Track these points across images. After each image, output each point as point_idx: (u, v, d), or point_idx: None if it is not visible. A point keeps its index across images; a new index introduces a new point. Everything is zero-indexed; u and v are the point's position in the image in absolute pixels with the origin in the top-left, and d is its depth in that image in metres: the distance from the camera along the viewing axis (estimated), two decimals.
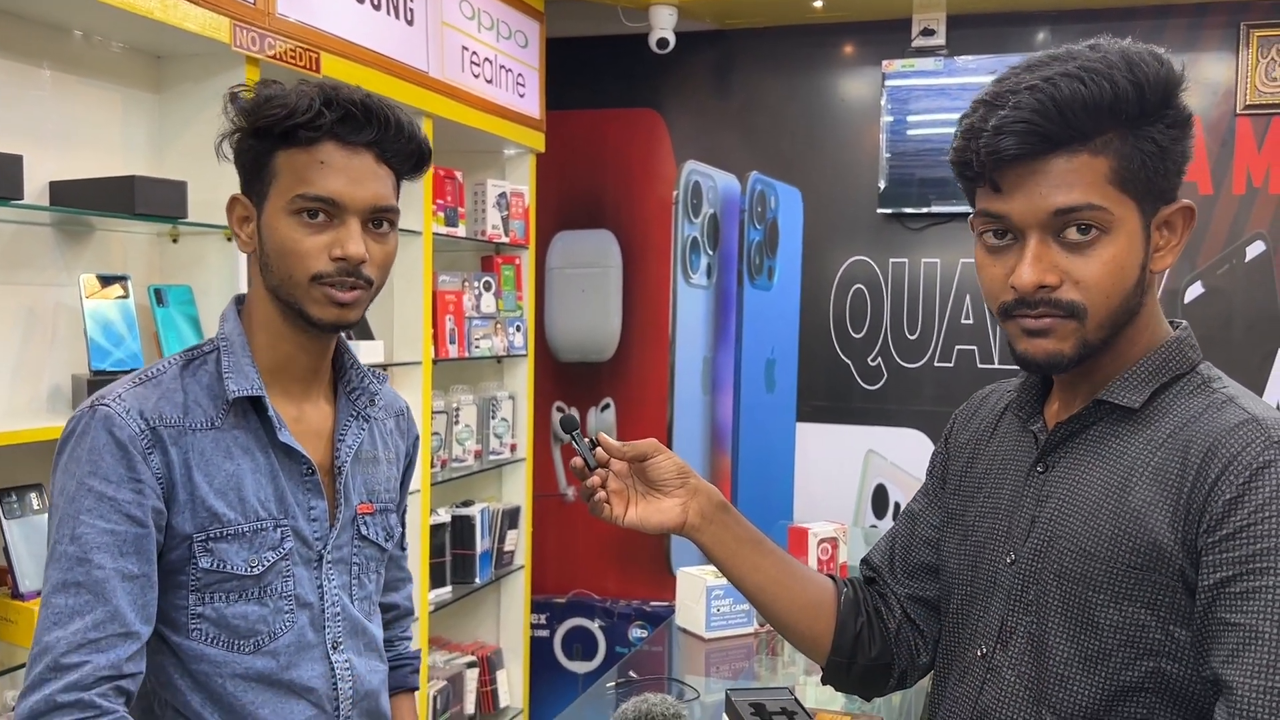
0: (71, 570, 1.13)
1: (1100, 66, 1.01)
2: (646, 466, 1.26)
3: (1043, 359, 1.08)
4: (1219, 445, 1.01)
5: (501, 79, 3.40)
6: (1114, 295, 1.05)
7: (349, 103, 1.20)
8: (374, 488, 1.38)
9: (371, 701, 1.36)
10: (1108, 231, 1.03)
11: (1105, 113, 1.01)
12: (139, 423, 1.17)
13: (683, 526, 1.26)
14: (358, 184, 1.21)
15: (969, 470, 1.26)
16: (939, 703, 1.23)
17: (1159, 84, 1.02)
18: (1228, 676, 0.96)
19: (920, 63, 3.83)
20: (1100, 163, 1.02)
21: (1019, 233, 1.06)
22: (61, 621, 1.11)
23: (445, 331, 3.18)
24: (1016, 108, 1.02)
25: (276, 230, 1.21)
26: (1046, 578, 1.09)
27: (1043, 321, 1.06)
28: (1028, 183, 1.04)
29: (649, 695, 1.72)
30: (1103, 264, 1.03)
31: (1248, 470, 0.98)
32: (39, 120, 2.12)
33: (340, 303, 1.22)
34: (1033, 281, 1.04)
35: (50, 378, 2.16)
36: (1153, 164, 1.03)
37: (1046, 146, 1.02)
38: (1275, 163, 3.59)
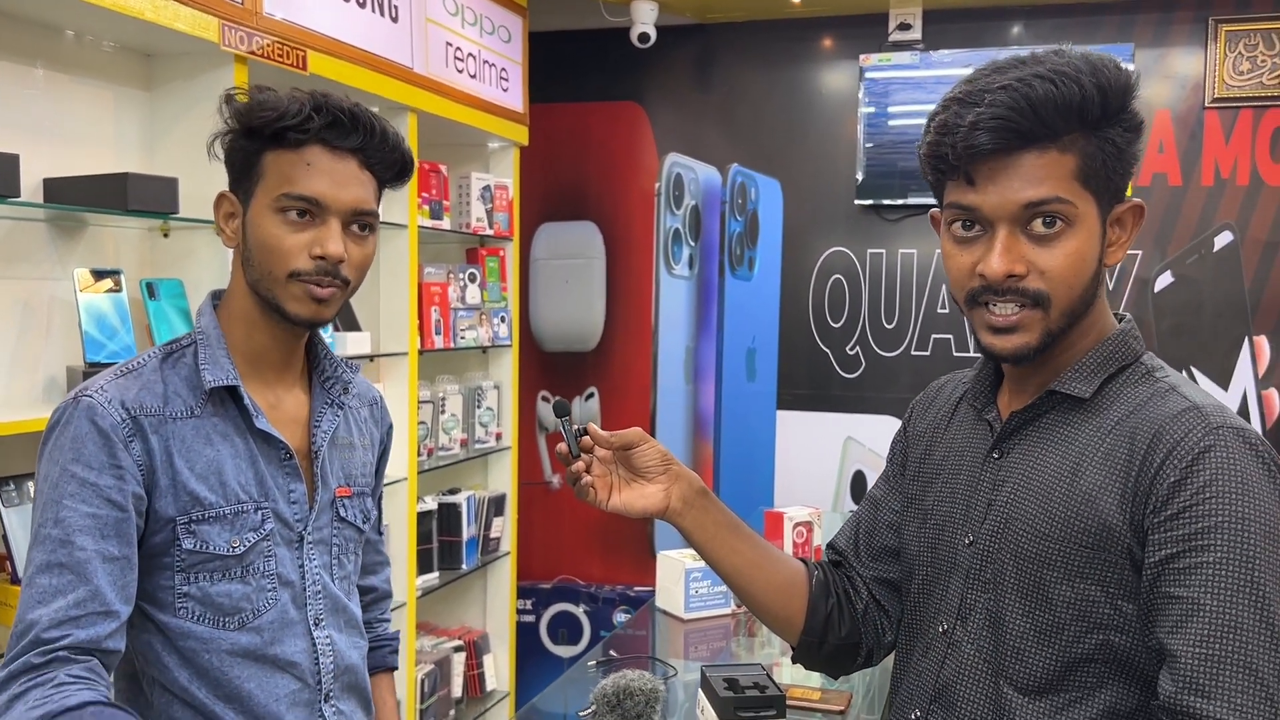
0: (55, 552, 1.18)
1: (1068, 70, 1.08)
2: (631, 454, 1.32)
3: (1010, 352, 1.14)
4: (1163, 432, 1.08)
5: (485, 74, 3.46)
6: (1075, 286, 1.11)
7: (337, 110, 1.27)
8: (350, 472, 1.44)
9: (353, 676, 1.42)
10: (1071, 224, 1.10)
11: (1073, 113, 1.08)
12: (120, 412, 1.23)
13: (665, 511, 1.32)
14: (341, 187, 1.27)
15: (927, 457, 1.32)
16: (903, 677, 1.30)
17: (1119, 89, 1.09)
18: (1171, 646, 1.03)
19: (897, 57, 3.90)
20: (1067, 160, 1.09)
21: (988, 224, 1.12)
22: (44, 600, 1.16)
23: (431, 322, 3.24)
24: (993, 105, 1.08)
25: (261, 226, 1.27)
26: (1003, 557, 1.16)
27: (1010, 317, 1.13)
28: (1000, 177, 1.10)
29: (627, 671, 1.78)
30: (1066, 255, 1.10)
31: (1189, 455, 1.05)
32: (33, 118, 2.17)
33: (317, 299, 1.28)
34: (1003, 270, 1.11)
35: (46, 369, 2.22)
36: (1111, 163, 1.10)
37: (1019, 143, 1.09)
38: (1243, 155, 3.68)
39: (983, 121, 1.08)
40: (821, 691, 1.99)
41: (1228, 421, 1.07)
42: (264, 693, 1.30)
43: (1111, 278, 3.80)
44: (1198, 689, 1.00)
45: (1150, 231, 3.77)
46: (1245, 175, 3.68)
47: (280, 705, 1.31)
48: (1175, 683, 1.02)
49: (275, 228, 1.26)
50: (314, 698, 1.35)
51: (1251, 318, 3.69)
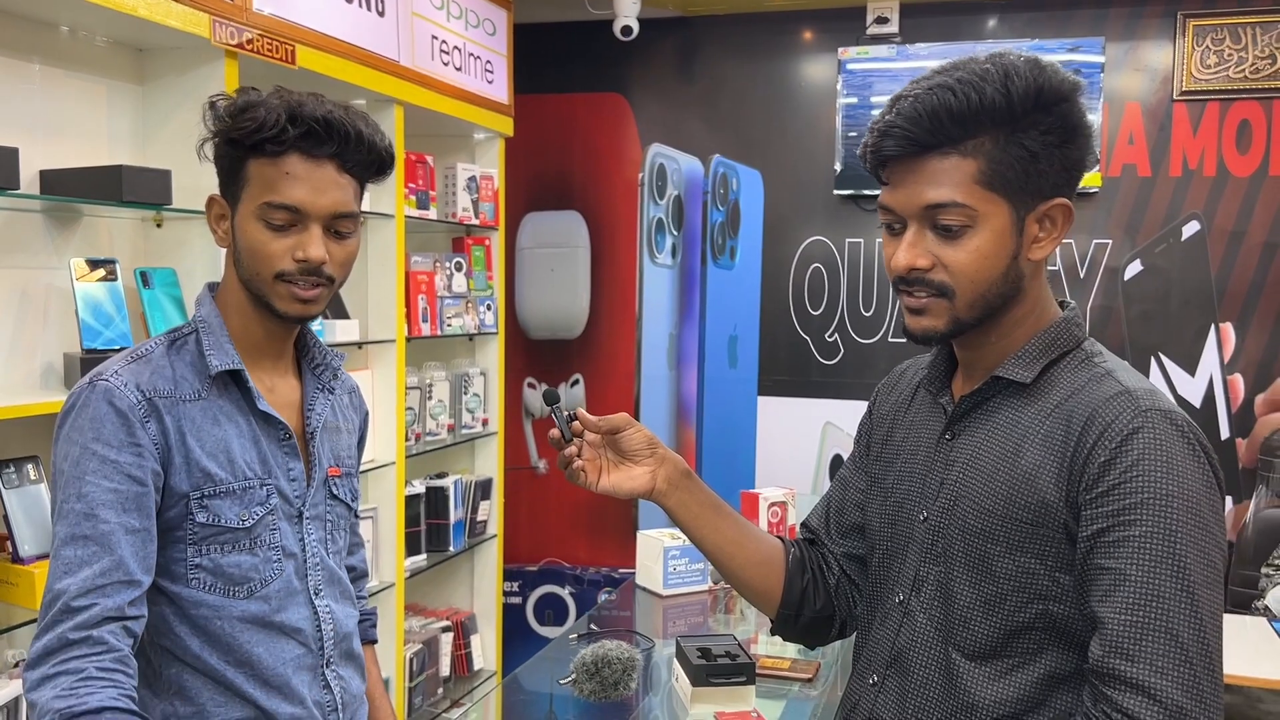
0: (79, 525, 1.26)
1: (974, 79, 1.15)
2: (619, 438, 1.40)
3: (919, 333, 1.24)
4: (1096, 414, 1.15)
5: (470, 66, 3.53)
6: (979, 281, 1.19)
7: (312, 119, 1.32)
8: (339, 454, 1.53)
9: (349, 643, 1.51)
10: (973, 225, 1.17)
11: (972, 120, 1.15)
12: (136, 394, 1.31)
13: (651, 492, 1.40)
14: (319, 193, 1.34)
15: (889, 438, 1.40)
16: (864, 644, 1.38)
17: (1028, 95, 1.15)
18: (1101, 613, 1.11)
19: (875, 50, 3.98)
20: (969, 164, 1.16)
21: (903, 222, 1.21)
22: (71, 570, 1.24)
23: (418, 310, 3.31)
24: (899, 114, 1.17)
25: (246, 233, 1.35)
26: (952, 532, 1.24)
27: (920, 301, 1.22)
28: (906, 179, 1.19)
29: (606, 642, 1.87)
30: (969, 253, 1.18)
31: (1119, 436, 1.12)
32: (29, 113, 2.24)
33: (302, 299, 1.36)
34: (905, 265, 1.20)
35: (43, 356, 2.29)
36: (1023, 166, 1.17)
37: (917, 149, 1.17)
38: (1209, 146, 3.77)
39: (887, 129, 1.17)
40: (791, 661, 2.08)
41: (1156, 404, 1.14)
42: (272, 657, 1.38)
43: (1083, 267, 3.90)
44: (1123, 653, 1.08)
45: (1120, 221, 3.86)
46: (1212, 166, 3.77)
47: (287, 669, 1.39)
48: (1103, 647, 1.10)
49: (259, 234, 1.34)
50: (317, 662, 1.44)
51: (1218, 305, 3.78)
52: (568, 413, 1.38)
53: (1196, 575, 1.09)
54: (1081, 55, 3.77)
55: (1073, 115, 1.18)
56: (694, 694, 1.80)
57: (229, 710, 1.36)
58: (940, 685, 1.24)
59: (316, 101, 1.35)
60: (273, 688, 1.38)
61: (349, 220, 1.39)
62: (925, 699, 1.25)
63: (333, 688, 1.45)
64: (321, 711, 1.44)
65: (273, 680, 1.38)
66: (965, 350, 1.30)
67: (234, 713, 1.36)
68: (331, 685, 1.45)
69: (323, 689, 1.44)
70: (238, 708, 1.36)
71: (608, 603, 2.75)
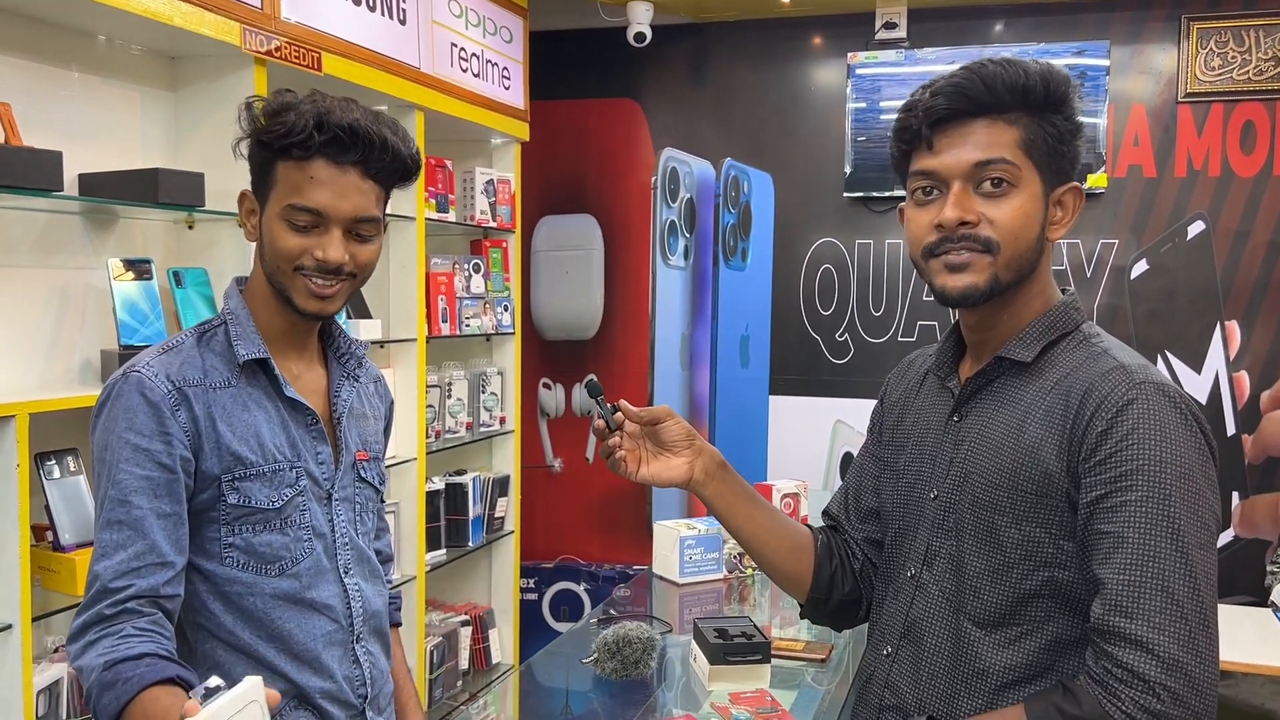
0: (114, 510, 1.33)
1: (1018, 61, 1.27)
2: (659, 430, 1.47)
3: (958, 292, 1.29)
4: (1093, 388, 1.22)
5: (488, 73, 3.61)
6: (1021, 239, 1.27)
7: (338, 127, 1.38)
8: (366, 439, 1.59)
9: (377, 621, 1.57)
10: (1016, 185, 1.26)
11: (1017, 92, 1.25)
12: (166, 384, 1.37)
13: (689, 482, 1.47)
14: (341, 198, 1.39)
15: (899, 424, 1.47)
16: (877, 618, 1.44)
17: (1060, 82, 1.27)
18: (1101, 574, 1.17)
19: (884, 55, 4.04)
20: (1013, 131, 1.26)
21: (945, 185, 1.28)
22: (107, 554, 1.32)
23: (438, 311, 3.39)
24: (950, 80, 1.28)
25: (272, 230, 1.41)
26: (962, 506, 1.30)
27: (962, 256, 1.28)
28: (955, 142, 1.28)
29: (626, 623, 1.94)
30: (1012, 209, 1.26)
31: (1114, 408, 1.19)
32: (69, 118, 2.32)
33: (320, 296, 1.42)
34: (956, 217, 1.27)
35: (82, 353, 2.37)
36: (1053, 144, 1.27)
37: (971, 108, 1.26)
38: (1214, 147, 3.83)
39: (941, 90, 1.27)
40: (805, 643, 2.15)
41: (1149, 378, 1.21)
42: (303, 632, 1.44)
43: (1089, 266, 3.95)
44: (1122, 611, 1.14)
45: (1126, 221, 3.92)
46: (1217, 167, 3.83)
47: (318, 644, 1.46)
48: (1103, 606, 1.16)
49: (283, 233, 1.40)
50: (347, 638, 1.50)
51: (1223, 303, 3.84)
52: (611, 404, 1.44)
53: (1190, 537, 1.15)
54: (1087, 59, 3.83)
55: (1077, 116, 1.29)
56: (711, 672, 1.87)
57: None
58: (951, 653, 1.30)
59: (345, 108, 1.40)
60: (304, 662, 1.44)
61: (370, 224, 1.43)
62: (937, 666, 1.31)
63: (362, 663, 1.51)
64: (351, 685, 1.49)
65: (304, 655, 1.44)
66: (978, 331, 1.36)
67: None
68: (361, 660, 1.51)
69: (353, 664, 1.50)
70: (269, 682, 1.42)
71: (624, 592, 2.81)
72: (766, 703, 1.93)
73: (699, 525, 2.72)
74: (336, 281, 1.42)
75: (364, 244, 1.44)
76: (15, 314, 2.23)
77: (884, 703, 1.38)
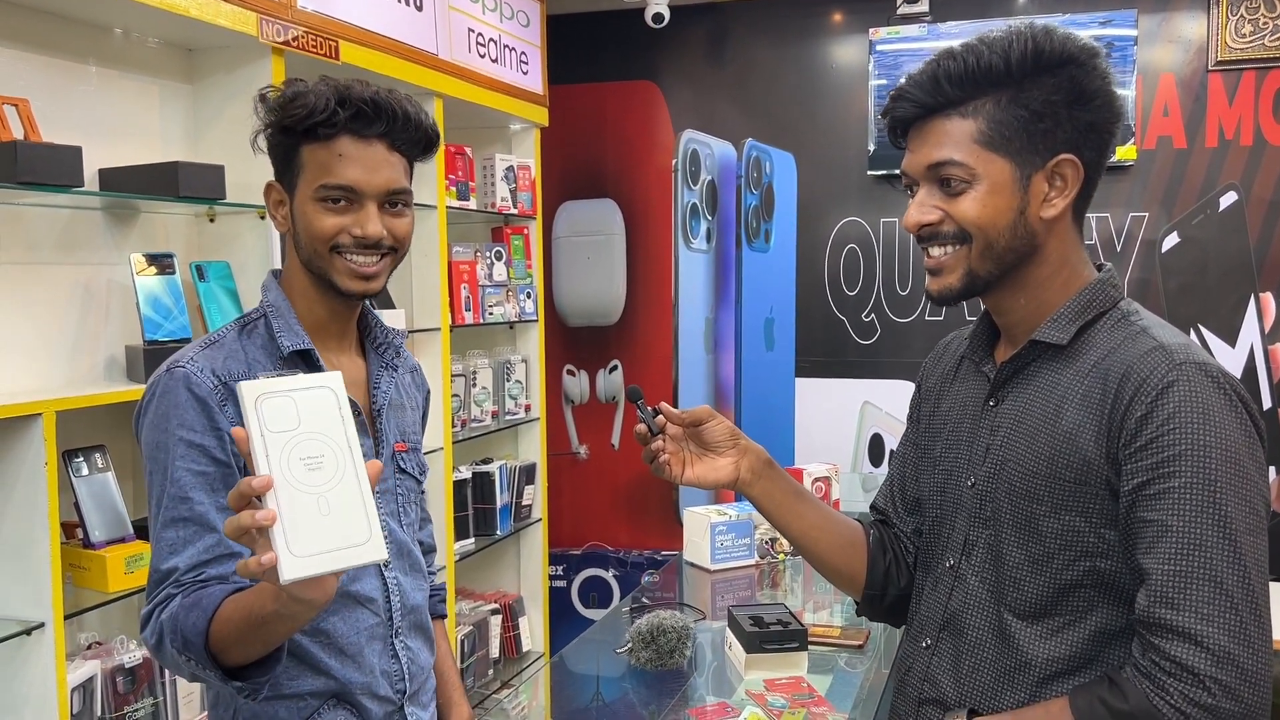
0: (175, 508, 1.32)
1: (978, 45, 1.22)
2: (702, 430, 1.43)
3: (936, 293, 1.29)
4: (1132, 371, 1.18)
5: (506, 58, 3.58)
6: (987, 228, 1.23)
7: (360, 100, 1.37)
8: (405, 430, 1.57)
9: (418, 615, 1.55)
10: (971, 182, 1.22)
11: (971, 82, 1.21)
12: (212, 379, 1.36)
13: (735, 482, 1.44)
14: (372, 172, 1.39)
15: (936, 409, 1.43)
16: (916, 611, 1.41)
17: (1025, 58, 1.20)
18: (1145, 564, 1.14)
19: (905, 29, 3.98)
20: (969, 125, 1.22)
21: (918, 183, 1.27)
22: (176, 550, 1.31)
23: (461, 299, 3.37)
24: (909, 79, 1.25)
25: (305, 215, 1.40)
26: (1000, 496, 1.27)
27: (935, 259, 1.27)
28: (915, 141, 1.26)
29: (660, 612, 1.92)
30: (969, 203, 1.23)
31: (1154, 390, 1.15)
32: (87, 113, 2.31)
33: (363, 275, 1.41)
34: (914, 221, 1.26)
35: (106, 349, 2.36)
36: (1024, 126, 1.21)
37: (923, 111, 1.24)
38: (1246, 116, 3.75)
39: (901, 94, 1.25)
40: (841, 629, 2.12)
41: (1191, 357, 1.16)
42: (347, 625, 1.43)
43: (1119, 240, 3.89)
44: (1168, 602, 1.11)
45: (1156, 193, 3.85)
46: (1249, 136, 3.75)
47: (361, 638, 1.44)
48: (1148, 597, 1.12)
49: (318, 215, 1.38)
50: (387, 633, 1.49)
51: (1257, 276, 3.77)
52: (652, 407, 1.41)
53: (1238, 523, 1.11)
54: (1114, 29, 3.76)
55: (1084, 79, 1.21)
56: (748, 661, 1.85)
57: (301, 682, 1.40)
58: (994, 645, 1.27)
59: (362, 85, 1.40)
60: (347, 656, 1.43)
61: (403, 195, 1.43)
62: (979, 659, 1.28)
63: (400, 658, 1.49)
64: (390, 681, 1.48)
65: (348, 649, 1.43)
66: (999, 315, 1.33)
67: (305, 684, 1.41)
68: (399, 655, 1.49)
69: (391, 659, 1.48)
70: (309, 679, 1.41)
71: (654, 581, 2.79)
72: (803, 689, 1.91)
73: (730, 511, 2.70)
74: (378, 258, 1.41)
75: (399, 217, 1.43)
76: (40, 311, 2.22)
77: (923, 695, 1.35)
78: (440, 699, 1.66)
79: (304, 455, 1.00)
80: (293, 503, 0.99)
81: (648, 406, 1.42)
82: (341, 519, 1.01)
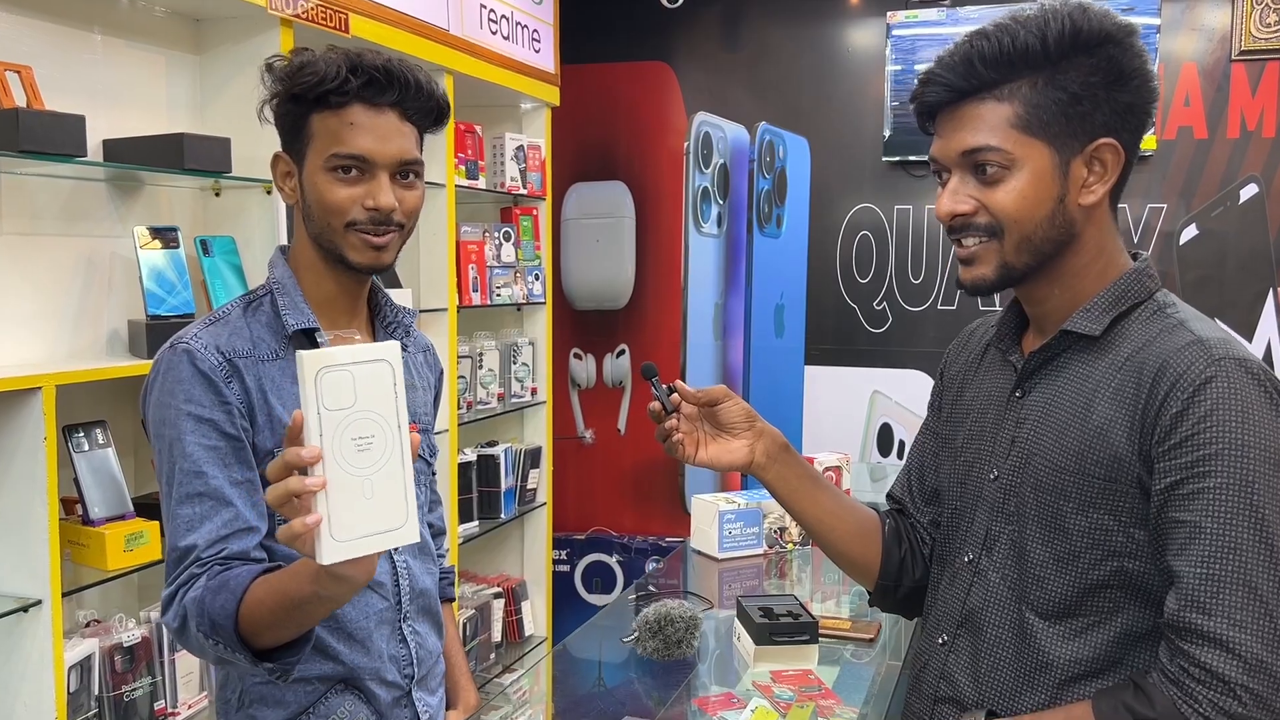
0: (189, 484, 1.29)
1: (1011, 24, 1.17)
2: (717, 411, 1.40)
3: (969, 284, 1.24)
4: (1167, 365, 1.13)
5: (518, 35, 3.52)
6: (1024, 221, 1.18)
7: (372, 68, 1.34)
8: (415, 411, 1.53)
9: (426, 599, 1.52)
10: (1009, 169, 1.18)
11: (1006, 64, 1.16)
12: (216, 356, 1.33)
13: (749, 465, 1.40)
14: (385, 141, 1.35)
15: (959, 399, 1.39)
16: (932, 606, 1.37)
17: (1064, 38, 1.15)
18: (1177, 567, 1.10)
19: (924, 13, 3.92)
20: (1004, 109, 1.17)
21: (949, 170, 1.22)
22: (194, 527, 1.28)
23: (468, 280, 3.33)
24: (939, 61, 1.19)
25: (316, 185, 1.36)
26: (1025, 490, 1.23)
27: (968, 249, 1.22)
28: (946, 127, 1.21)
29: (668, 601, 1.88)
30: (1007, 193, 1.18)
31: (1191, 386, 1.10)
32: (92, 82, 2.27)
33: (375, 247, 1.37)
34: (946, 211, 1.21)
35: (109, 323, 2.33)
36: (1063, 109, 1.16)
37: (955, 95, 1.19)
38: (1269, 107, 3.69)
39: (931, 78, 1.20)
40: (852, 621, 2.09)
41: (1230, 353, 1.12)
42: (355, 610, 1.40)
43: (1137, 232, 3.84)
44: (1199, 606, 1.07)
45: (1175, 185, 3.79)
46: (1271, 127, 3.69)
47: (370, 623, 1.42)
48: (1179, 601, 1.08)
49: (329, 185, 1.35)
50: (396, 617, 1.46)
51: (1276, 270, 3.71)
52: (667, 385, 1.37)
53: (1276, 526, 1.07)
54: (1136, 16, 3.69)
55: (1122, 58, 1.17)
56: (757, 653, 1.81)
57: (308, 667, 1.37)
58: (1014, 644, 1.23)
59: (373, 54, 1.37)
60: (355, 641, 1.40)
61: (415, 166, 1.39)
62: (998, 658, 1.25)
63: (409, 642, 1.47)
64: (397, 666, 1.45)
65: (357, 634, 1.40)
66: (1031, 305, 1.28)
67: (313, 669, 1.38)
68: (408, 640, 1.47)
69: (399, 644, 1.46)
70: (316, 663, 1.38)
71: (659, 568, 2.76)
72: (811, 681, 1.87)
73: (739, 499, 2.66)
74: (388, 231, 1.37)
75: (410, 189, 1.40)
76: (41, 283, 2.18)
77: (939, 694, 1.31)
78: (448, 684, 1.63)
79: (356, 435, 0.98)
80: (339, 485, 0.97)
81: (662, 384, 1.38)
82: (383, 501, 1.00)
